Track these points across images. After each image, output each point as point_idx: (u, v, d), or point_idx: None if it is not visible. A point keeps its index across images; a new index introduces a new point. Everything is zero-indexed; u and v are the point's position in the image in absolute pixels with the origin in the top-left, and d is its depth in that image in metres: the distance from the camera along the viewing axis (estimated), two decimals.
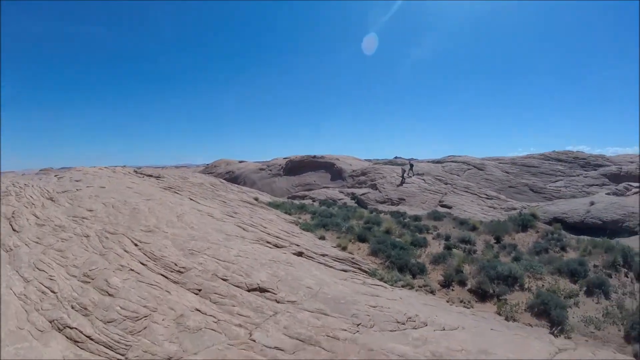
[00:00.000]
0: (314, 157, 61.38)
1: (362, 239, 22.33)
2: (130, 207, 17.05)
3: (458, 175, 51.00)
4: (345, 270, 16.29)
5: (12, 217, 14.75)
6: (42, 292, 9.55)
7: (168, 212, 17.45)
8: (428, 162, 60.67)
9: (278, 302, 10.09)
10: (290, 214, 30.59)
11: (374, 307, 10.54)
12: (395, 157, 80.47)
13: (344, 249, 20.66)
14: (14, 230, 13.67)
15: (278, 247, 17.02)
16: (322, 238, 22.55)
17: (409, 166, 51.83)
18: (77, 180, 24.30)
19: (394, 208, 39.05)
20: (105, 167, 33.77)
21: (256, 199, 35.31)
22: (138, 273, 10.64)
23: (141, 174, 33.60)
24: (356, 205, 40.67)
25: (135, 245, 12.59)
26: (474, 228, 27.53)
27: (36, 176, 33.91)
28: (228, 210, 22.64)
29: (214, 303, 9.57)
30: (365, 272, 17.20)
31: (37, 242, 12.57)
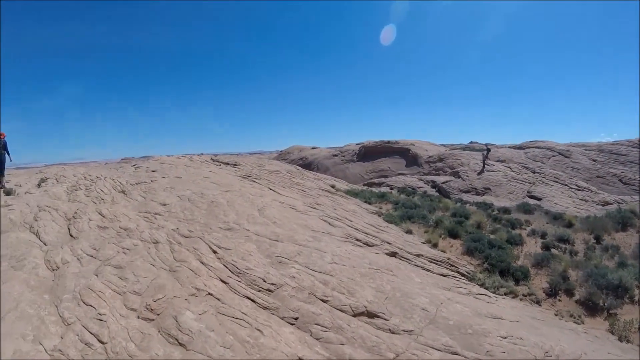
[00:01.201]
0: (388, 142, 58.00)
1: (453, 234, 19.73)
2: (207, 200, 15.01)
3: (542, 163, 46.27)
4: (444, 275, 13.91)
5: (74, 217, 12.61)
6: (86, 344, 6.70)
7: (248, 205, 15.31)
8: (509, 147, 55.94)
9: (393, 332, 7.68)
10: (370, 204, 28.13)
11: (504, 337, 8.01)
12: (471, 142, 75.80)
13: (434, 245, 18.29)
14: (71, 236, 11.40)
15: (369, 245, 14.70)
16: (409, 232, 20.10)
17: (486, 151, 47.71)
18: (153, 171, 22.75)
19: (479, 198, 35.55)
20: (182, 156, 32.37)
21: (333, 187, 33.02)
22: (218, 299, 8.14)
23: (218, 162, 32.04)
24: (437, 194, 37.47)
25: (214, 252, 10.21)
26: (569, 224, 24.17)
27: (117, 165, 33.14)
28: (310, 201, 20.33)
29: (317, 340, 7.09)
30: (464, 275, 14.79)
31: (93, 256, 10.02)
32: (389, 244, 15.57)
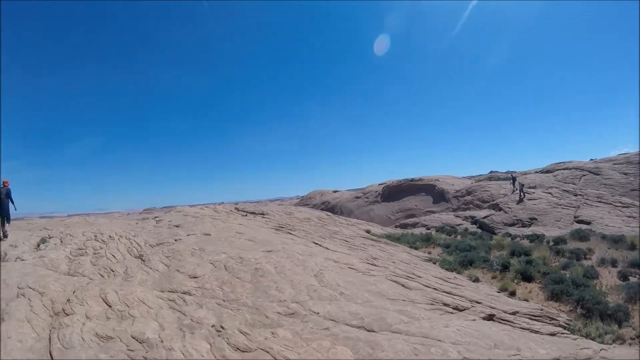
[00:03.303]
0: (412, 180, 53.86)
1: (526, 277, 16.61)
2: (250, 267, 10.89)
3: (574, 184, 41.92)
4: (553, 334, 10.58)
5: (64, 311, 7.81)
6: None
7: (301, 271, 11.20)
8: (535, 172, 51.84)
9: None
10: (417, 249, 24.13)
11: None
12: (491, 172, 71.76)
13: (512, 294, 15.09)
14: (50, 356, 6.30)
15: (459, 310, 10.90)
16: (477, 280, 16.87)
17: (512, 180, 43.36)
18: (176, 226, 18.79)
19: (526, 230, 31.22)
20: (206, 206, 28.45)
21: (368, 232, 29.21)
22: None
23: (244, 211, 28.15)
24: (480, 230, 33.12)
25: None
26: (632, 246, 22.00)
27: (139, 216, 29.37)
28: (362, 255, 16.22)
29: None
30: (564, 327, 11.67)
31: None
32: (478, 303, 11.82)
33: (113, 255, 12.56)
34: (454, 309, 10.98)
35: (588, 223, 31.79)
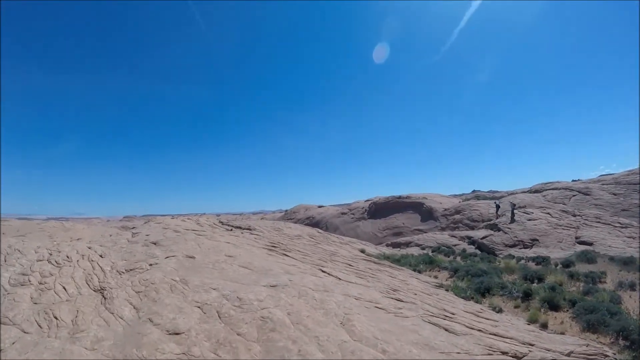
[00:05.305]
0: (400, 197, 50.96)
1: (552, 305, 14.41)
2: (254, 315, 7.49)
3: (564, 204, 40.08)
4: None
5: None
6: None
7: (323, 318, 7.90)
8: (523, 192, 49.64)
9: None
10: (420, 272, 21.05)
11: None
12: (474, 191, 69.60)
13: (544, 326, 12.65)
14: None
15: (519, 358, 8.28)
16: (500, 311, 14.36)
17: (496, 207, 40.60)
18: (153, 243, 15.25)
19: (529, 252, 28.44)
20: (188, 218, 24.82)
21: (363, 251, 26.02)
22: None
23: (229, 225, 24.64)
24: (479, 251, 30.16)
25: None
26: None
27: (118, 224, 25.68)
28: (382, 287, 12.97)
29: None
30: None
31: None
32: (531, 345, 9.25)
33: (64, 288, 9.00)
34: (513, 357, 8.14)
35: (590, 244, 29.42)
